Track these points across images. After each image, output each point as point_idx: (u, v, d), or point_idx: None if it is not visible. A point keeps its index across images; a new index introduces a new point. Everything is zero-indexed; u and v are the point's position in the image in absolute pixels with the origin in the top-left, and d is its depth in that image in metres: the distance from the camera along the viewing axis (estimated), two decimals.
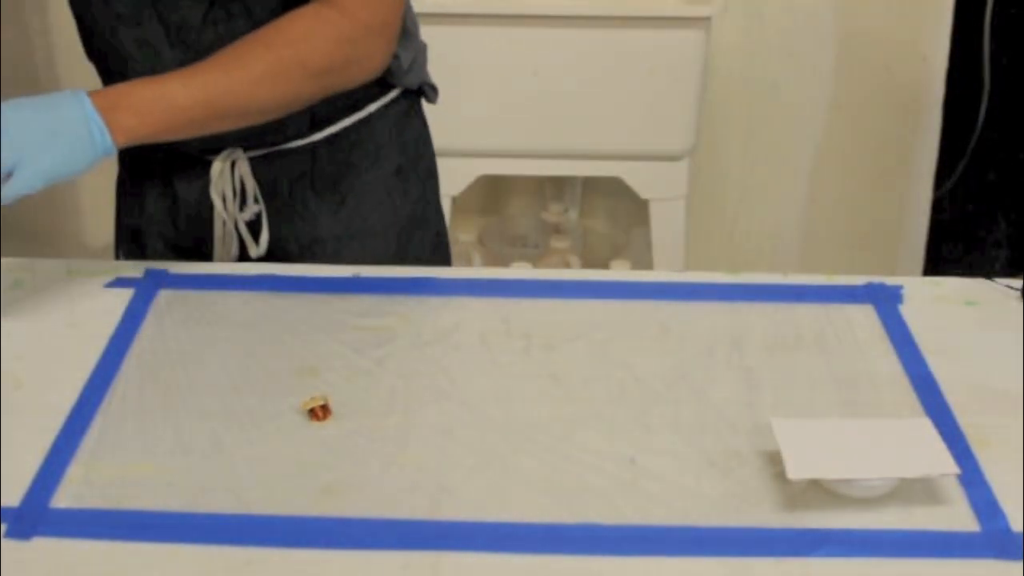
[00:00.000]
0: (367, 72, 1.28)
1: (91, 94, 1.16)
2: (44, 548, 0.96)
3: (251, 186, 1.38)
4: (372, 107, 1.40)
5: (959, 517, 0.99)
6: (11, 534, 0.97)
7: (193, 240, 1.43)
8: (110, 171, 1.62)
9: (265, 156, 1.38)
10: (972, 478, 1.03)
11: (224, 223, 1.40)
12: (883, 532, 0.97)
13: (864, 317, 1.27)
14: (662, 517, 0.99)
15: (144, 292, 1.30)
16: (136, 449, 1.07)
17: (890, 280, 1.33)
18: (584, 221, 2.65)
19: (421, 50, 1.45)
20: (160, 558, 0.95)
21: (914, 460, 1.00)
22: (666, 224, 2.38)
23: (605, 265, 2.56)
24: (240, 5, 1.26)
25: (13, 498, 1.01)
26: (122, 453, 1.07)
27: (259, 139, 1.36)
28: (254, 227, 1.40)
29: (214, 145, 1.35)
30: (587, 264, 2.58)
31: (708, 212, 2.61)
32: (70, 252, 2.59)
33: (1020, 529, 0.98)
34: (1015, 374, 1.17)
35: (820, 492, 1.01)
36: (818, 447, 1.02)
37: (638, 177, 2.34)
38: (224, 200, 1.38)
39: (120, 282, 1.32)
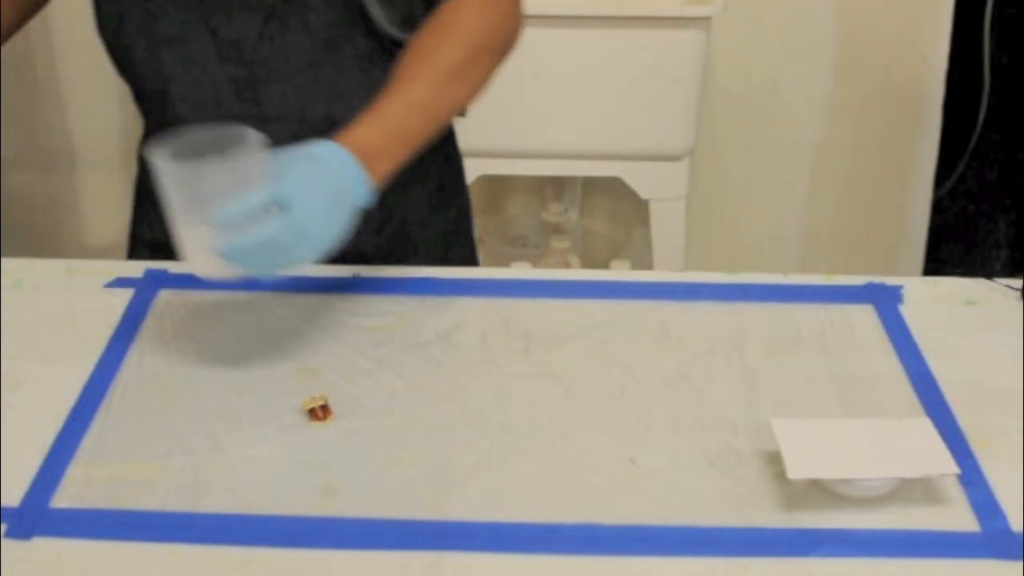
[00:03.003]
0: (517, 40, 1.30)
1: (344, 144, 1.12)
2: (44, 548, 0.97)
3: None
4: None
5: (959, 517, 1.00)
6: (11, 534, 0.97)
7: None
8: (109, 171, 1.62)
9: None
10: (972, 478, 1.03)
11: None
12: (883, 532, 0.98)
13: (864, 317, 1.27)
14: (662, 517, 0.99)
15: (144, 292, 1.31)
16: (136, 449, 1.07)
17: (890, 280, 1.33)
18: (584, 221, 2.65)
19: None
20: (160, 558, 0.95)
21: (914, 460, 1.01)
22: (666, 224, 2.38)
23: (605, 265, 2.56)
24: (297, 19, 1.25)
25: (13, 498, 1.01)
26: (122, 453, 1.07)
27: None
28: None
29: None
30: (587, 264, 2.58)
31: (708, 212, 2.61)
32: (70, 252, 2.59)
33: (1020, 529, 0.98)
34: (1015, 374, 1.17)
35: (820, 492, 1.01)
36: (818, 447, 1.02)
37: (638, 177, 2.34)
38: None
39: (120, 282, 1.33)
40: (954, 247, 2.58)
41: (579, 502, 1.01)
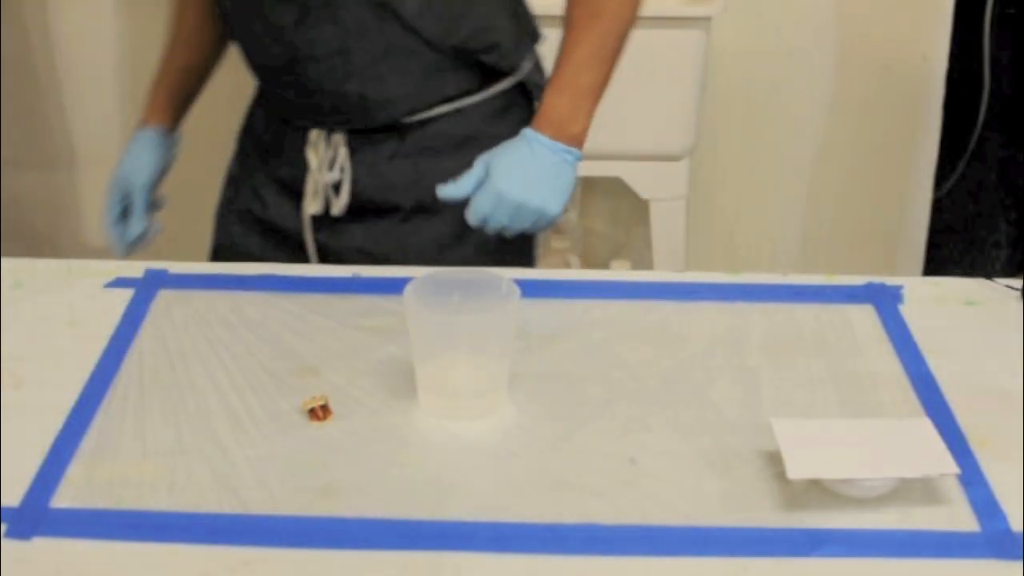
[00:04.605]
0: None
1: (536, 127, 1.35)
2: (44, 548, 0.96)
3: (342, 154, 1.46)
4: (470, 100, 1.46)
5: (959, 517, 0.99)
6: (11, 534, 0.97)
7: (290, 180, 1.50)
8: (109, 171, 1.63)
9: (360, 130, 1.46)
10: (972, 478, 1.03)
11: (316, 180, 1.47)
12: (883, 532, 0.98)
13: (864, 317, 1.27)
14: (662, 517, 0.99)
15: (144, 292, 1.31)
16: (136, 449, 1.07)
17: (890, 280, 1.33)
18: (584, 221, 2.65)
19: (531, 38, 1.53)
20: (160, 558, 0.95)
21: (914, 460, 1.01)
22: (666, 224, 2.37)
23: (605, 265, 2.55)
24: (327, 12, 1.37)
25: (13, 498, 1.01)
26: (122, 453, 1.07)
27: (356, 121, 1.45)
28: (339, 187, 1.47)
29: (315, 123, 1.47)
30: (587, 264, 2.58)
31: (708, 212, 2.61)
32: (70, 252, 2.59)
33: (1020, 529, 0.98)
34: (1015, 374, 1.17)
35: (820, 492, 1.01)
36: (818, 447, 1.02)
37: (638, 177, 2.33)
38: (319, 160, 1.47)
39: (120, 282, 1.33)
40: (954, 247, 2.57)
41: (579, 502, 1.01)
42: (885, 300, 1.30)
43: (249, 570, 0.94)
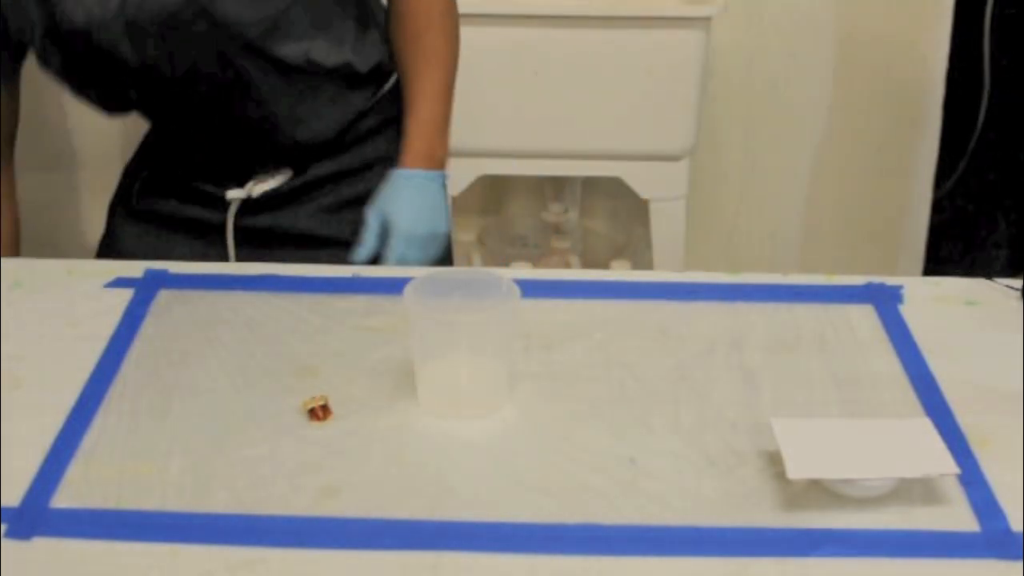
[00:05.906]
0: None
1: (411, 165, 1.50)
2: (44, 548, 0.96)
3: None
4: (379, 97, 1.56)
5: (959, 517, 0.99)
6: (11, 534, 0.97)
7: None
8: (109, 171, 1.63)
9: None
10: (972, 478, 1.03)
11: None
12: (883, 532, 0.98)
13: (864, 317, 1.27)
14: (662, 517, 0.99)
15: (144, 292, 1.31)
16: (136, 449, 1.07)
17: (890, 280, 1.33)
18: (584, 221, 2.65)
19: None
20: (160, 558, 0.95)
21: (914, 460, 1.01)
22: (666, 224, 2.37)
23: (605, 265, 2.55)
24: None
25: (13, 498, 1.01)
26: (122, 453, 1.07)
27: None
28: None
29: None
30: (587, 264, 2.58)
31: (708, 212, 2.61)
32: (70, 252, 2.58)
33: (1020, 529, 0.98)
34: (1015, 374, 1.17)
35: (820, 492, 1.01)
36: (818, 447, 1.02)
37: (638, 177, 2.33)
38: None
39: (120, 282, 1.33)
40: (954, 247, 2.57)
41: (579, 502, 1.01)
42: (885, 300, 1.30)
43: (249, 570, 0.94)
